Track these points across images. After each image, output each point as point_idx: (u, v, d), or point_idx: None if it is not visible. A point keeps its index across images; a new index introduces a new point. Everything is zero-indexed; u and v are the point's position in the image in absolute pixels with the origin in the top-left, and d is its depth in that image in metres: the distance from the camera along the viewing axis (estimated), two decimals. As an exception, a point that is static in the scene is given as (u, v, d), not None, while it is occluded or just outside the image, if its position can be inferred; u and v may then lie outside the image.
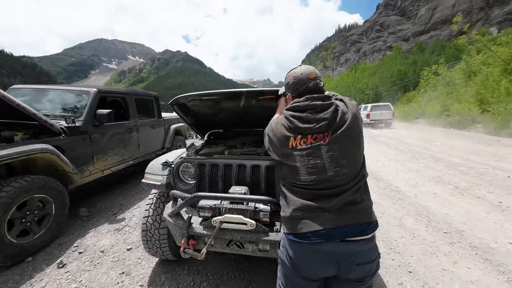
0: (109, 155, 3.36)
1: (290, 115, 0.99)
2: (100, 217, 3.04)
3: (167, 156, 2.12)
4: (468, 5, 60.11)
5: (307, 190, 0.97)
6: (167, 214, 1.59)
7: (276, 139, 1.02)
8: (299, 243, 0.93)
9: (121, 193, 3.88)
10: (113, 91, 3.65)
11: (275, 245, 1.38)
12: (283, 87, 1.22)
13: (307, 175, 0.95)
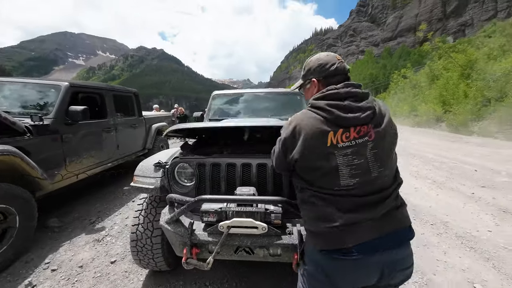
0: (84, 157, 3.01)
1: (327, 104, 0.82)
2: (75, 227, 2.70)
3: (159, 157, 1.92)
4: (429, 16, 66.20)
5: (345, 198, 0.81)
6: (164, 221, 1.41)
7: (309, 137, 0.82)
8: (339, 259, 0.80)
9: (98, 199, 3.51)
10: (87, 86, 3.27)
11: (288, 248, 1.29)
12: (298, 81, 1.08)
13: (349, 178, 0.80)
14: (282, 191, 1.49)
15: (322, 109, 0.84)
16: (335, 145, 0.80)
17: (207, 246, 1.36)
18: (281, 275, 1.90)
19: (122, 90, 4.05)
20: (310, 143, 0.82)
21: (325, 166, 0.81)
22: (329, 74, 0.91)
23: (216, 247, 1.26)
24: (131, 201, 3.46)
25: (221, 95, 3.18)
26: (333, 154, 0.80)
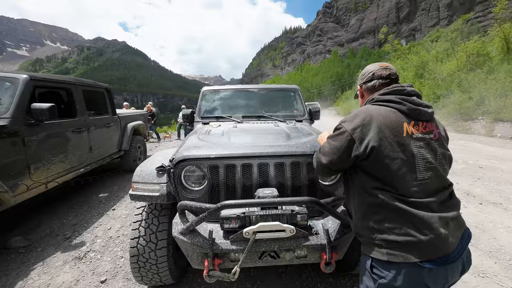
0: (53, 163, 2.57)
1: (397, 97, 0.85)
2: (46, 245, 2.30)
3: (158, 159, 1.72)
4: (385, 20, 72.48)
5: (422, 200, 0.76)
6: (178, 232, 1.26)
7: (383, 126, 0.80)
8: (440, 268, 0.74)
9: (70, 210, 3.06)
10: (52, 80, 2.77)
11: (315, 249, 1.26)
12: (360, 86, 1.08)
13: (424, 171, 0.78)
14: (301, 190, 1.44)
15: (393, 101, 0.85)
16: (410, 135, 0.80)
17: (229, 255, 1.26)
18: (291, 275, 1.87)
19: (93, 85, 3.56)
20: (385, 133, 0.79)
21: (402, 157, 0.78)
22: (370, 78, 0.99)
23: (242, 255, 1.17)
24: (111, 210, 3.09)
25: (212, 91, 3.00)
26: (408, 145, 0.79)
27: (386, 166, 0.79)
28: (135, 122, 4.73)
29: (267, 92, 2.98)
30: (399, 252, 0.75)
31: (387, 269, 0.77)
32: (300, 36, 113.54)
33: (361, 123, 0.83)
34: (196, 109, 2.83)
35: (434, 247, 0.74)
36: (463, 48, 15.16)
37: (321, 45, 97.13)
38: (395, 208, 0.77)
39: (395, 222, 0.77)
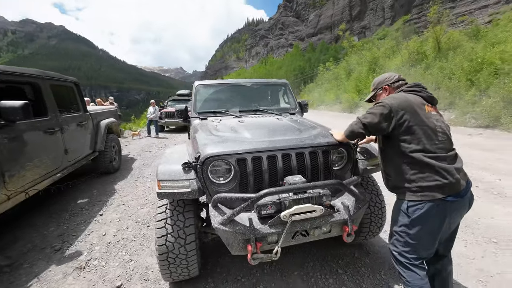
0: (28, 169, 2.26)
1: (420, 88, 1.31)
2: (34, 260, 2.06)
3: (172, 157, 1.71)
4: (340, 17, 77.66)
5: (443, 153, 1.18)
6: (219, 223, 1.33)
7: (414, 105, 1.22)
8: (455, 201, 1.15)
9: (48, 220, 2.73)
10: (17, 73, 2.36)
11: (337, 224, 1.47)
12: (372, 92, 1.55)
13: (440, 135, 1.20)
14: (319, 175, 1.64)
15: (417, 91, 1.30)
16: (429, 112, 1.24)
17: (267, 239, 1.38)
18: (304, 256, 2.09)
19: (61, 79, 3.12)
20: (415, 108, 1.21)
21: (428, 124, 1.20)
22: (396, 80, 1.44)
23: (282, 236, 1.31)
24: (98, 215, 2.87)
25: (205, 85, 2.95)
26: (430, 117, 1.22)
27: (417, 131, 1.18)
28: (108, 120, 4.32)
29: (259, 86, 3.09)
30: (429, 193, 1.15)
31: (420, 206, 1.17)
32: (263, 29, 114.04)
33: (398, 101, 1.24)
34: (191, 104, 2.78)
35: (452, 187, 1.14)
36: (405, 46, 17.43)
37: (283, 39, 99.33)
38: (426, 163, 1.16)
39: (426, 173, 1.16)
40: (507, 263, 1.89)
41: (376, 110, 1.28)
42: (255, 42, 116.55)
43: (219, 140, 1.70)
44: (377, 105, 1.31)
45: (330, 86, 25.46)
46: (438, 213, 1.16)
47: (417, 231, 1.20)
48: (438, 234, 1.21)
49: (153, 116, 8.55)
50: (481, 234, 2.27)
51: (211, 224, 1.65)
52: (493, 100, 8.15)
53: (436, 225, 1.18)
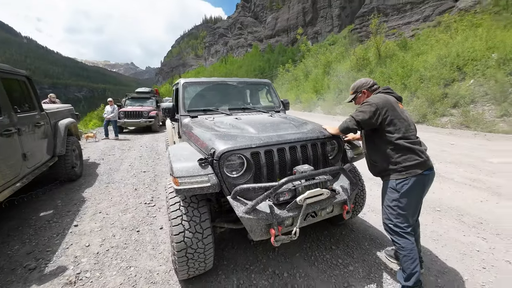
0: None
1: (390, 90, 1.70)
2: (7, 285, 1.75)
3: (183, 154, 1.71)
4: (295, 22, 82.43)
5: (416, 139, 1.54)
6: (243, 212, 1.42)
7: (393, 103, 1.57)
8: (429, 174, 1.52)
9: (7, 239, 2.30)
10: None
11: (338, 204, 1.72)
12: (352, 95, 1.86)
13: (412, 125, 1.57)
14: (319, 163, 1.87)
15: (390, 92, 1.68)
16: (401, 108, 1.61)
17: (284, 222, 1.54)
18: (301, 240, 2.32)
19: (12, 72, 2.62)
20: (394, 105, 1.57)
21: (404, 117, 1.56)
22: (372, 84, 1.77)
23: (299, 218, 1.49)
24: (73, 227, 2.55)
25: (192, 83, 2.90)
26: (403, 112, 1.59)
27: (397, 123, 1.53)
28: (67, 120, 3.79)
29: (245, 85, 3.20)
30: (412, 170, 1.49)
31: (406, 181, 1.50)
32: (222, 27, 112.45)
33: (381, 100, 1.57)
34: (179, 102, 2.71)
35: (426, 163, 1.51)
36: (353, 53, 19.74)
37: (243, 39, 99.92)
38: (407, 147, 1.50)
39: (408, 155, 1.51)
40: (449, 225, 2.48)
41: (366, 108, 1.58)
42: (214, 40, 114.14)
43: (227, 136, 1.78)
44: (365, 104, 1.61)
45: (290, 86, 26.90)
46: (420, 185, 1.52)
47: (406, 202, 1.53)
48: (420, 202, 1.59)
49: (111, 116, 7.70)
50: (429, 205, 2.89)
51: (220, 217, 1.74)
52: (421, 100, 10.00)
53: (419, 194, 1.55)
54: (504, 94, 8.15)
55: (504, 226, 2.41)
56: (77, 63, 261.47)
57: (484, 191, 3.21)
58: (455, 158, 4.63)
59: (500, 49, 9.52)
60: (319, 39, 74.70)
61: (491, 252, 2.05)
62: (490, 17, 16.83)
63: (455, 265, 1.91)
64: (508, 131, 6.90)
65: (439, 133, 7.32)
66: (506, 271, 1.83)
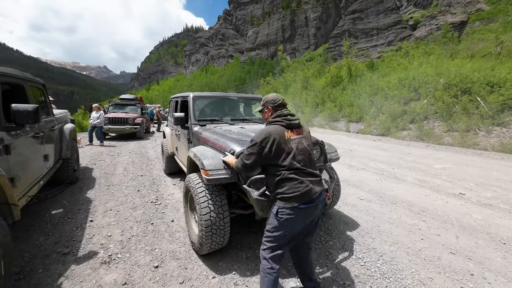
0: (28, 173, 2.16)
1: (281, 118, 1.59)
2: (46, 266, 2.02)
3: (205, 154, 2.20)
4: (275, 37, 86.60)
5: (302, 170, 1.48)
6: (257, 195, 1.94)
7: (278, 135, 1.50)
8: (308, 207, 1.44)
9: (28, 233, 2.50)
10: (13, 75, 2.18)
11: (322, 191, 2.33)
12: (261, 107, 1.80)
13: (299, 156, 1.50)
14: (307, 163, 2.48)
15: (279, 121, 1.59)
16: (288, 138, 1.53)
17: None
18: (291, 221, 2.88)
19: (34, 80, 2.87)
20: (277, 139, 1.49)
21: (287, 149, 1.50)
22: (279, 104, 1.71)
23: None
24: (89, 221, 2.81)
25: (200, 97, 3.39)
26: (288, 143, 1.51)
27: (279, 155, 1.49)
28: (70, 125, 3.99)
29: (244, 100, 3.79)
30: (288, 201, 1.44)
31: (283, 211, 1.45)
32: (203, 37, 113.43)
33: (265, 137, 1.51)
34: (190, 113, 3.19)
35: (303, 196, 1.43)
36: (328, 70, 21.67)
37: (224, 50, 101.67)
38: (287, 178, 1.46)
39: (287, 186, 1.46)
40: (401, 213, 3.25)
41: (252, 150, 1.56)
42: (195, 49, 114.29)
43: (240, 140, 2.32)
44: (251, 145, 1.57)
45: (270, 98, 28.18)
46: (295, 218, 1.44)
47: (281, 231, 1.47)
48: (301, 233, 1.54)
49: (97, 122, 7.69)
50: (387, 199, 3.67)
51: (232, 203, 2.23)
52: (385, 116, 11.50)
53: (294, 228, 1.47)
54: (449, 113, 9.83)
55: (438, 212, 3.24)
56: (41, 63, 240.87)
57: (428, 189, 4.11)
58: (409, 164, 5.66)
59: (446, 76, 11.48)
60: (296, 55, 78.89)
61: (428, 229, 2.81)
62: (440, 47, 19.97)
63: (403, 238, 2.62)
64: (452, 143, 8.38)
65: (399, 144, 8.58)
66: (436, 241, 2.58)
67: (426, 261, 2.23)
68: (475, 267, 2.15)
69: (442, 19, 35.58)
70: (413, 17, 43.94)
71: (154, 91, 78.54)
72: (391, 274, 2.04)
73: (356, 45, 33.03)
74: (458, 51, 17.73)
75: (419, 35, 38.03)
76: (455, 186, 4.23)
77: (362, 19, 54.57)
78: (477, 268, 2.13)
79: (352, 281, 1.96)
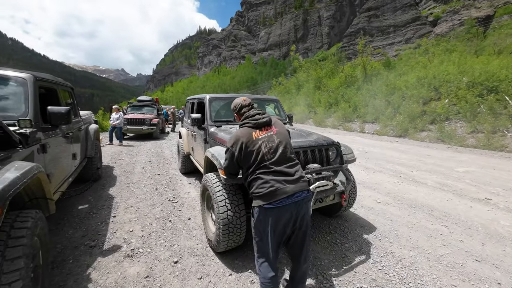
0: (60, 170, 2.34)
1: (248, 120, 1.59)
2: (76, 257, 2.17)
3: (221, 154, 2.26)
4: (287, 37, 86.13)
5: (273, 168, 1.43)
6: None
7: (245, 138, 1.51)
8: (277, 207, 1.38)
9: (59, 226, 2.70)
10: (48, 80, 2.40)
11: (339, 194, 2.32)
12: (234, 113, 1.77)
13: (269, 154, 1.46)
14: (324, 163, 2.48)
15: (246, 123, 1.60)
16: (256, 138, 1.52)
17: (300, 204, 2.10)
18: (306, 223, 2.88)
19: (64, 84, 3.10)
20: (245, 141, 1.51)
21: (255, 149, 1.48)
22: (240, 108, 1.71)
23: (312, 200, 2.06)
24: (112, 217, 2.98)
25: (216, 98, 3.49)
26: (256, 143, 1.50)
27: (249, 157, 1.49)
28: (95, 125, 4.23)
29: (258, 101, 3.83)
30: (256, 201, 1.43)
31: (254, 210, 1.46)
32: (216, 39, 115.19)
33: (234, 141, 1.55)
34: (206, 114, 3.28)
35: (267, 196, 1.38)
36: (342, 70, 21.22)
37: (236, 51, 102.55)
38: (254, 178, 1.46)
39: (254, 186, 1.45)
40: (421, 217, 3.13)
41: (226, 156, 1.64)
42: (208, 51, 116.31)
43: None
44: (225, 151, 1.65)
45: (283, 99, 28.03)
46: (264, 218, 1.41)
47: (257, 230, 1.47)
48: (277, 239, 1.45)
49: (117, 123, 8.06)
50: (406, 202, 3.56)
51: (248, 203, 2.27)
52: (403, 116, 11.08)
53: (267, 228, 1.42)
54: (474, 114, 9.31)
55: (462, 218, 3.09)
56: (65, 67, 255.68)
57: (450, 193, 3.93)
58: (429, 167, 5.43)
59: (469, 74, 10.88)
60: (309, 55, 77.96)
61: (450, 235, 2.70)
62: (463, 43, 18.93)
63: (424, 243, 2.53)
64: (476, 145, 7.93)
65: (418, 146, 8.25)
66: (459, 247, 2.47)
67: (448, 267, 2.15)
68: (502, 276, 2.04)
69: (465, 14, 33.67)
70: (433, 12, 41.94)
71: (169, 93, 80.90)
72: (411, 280, 1.99)
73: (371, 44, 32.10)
74: (483, 48, 16.73)
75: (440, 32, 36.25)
76: (480, 190, 4.01)
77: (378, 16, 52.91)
78: (505, 277, 2.02)
79: (369, 285, 1.93)
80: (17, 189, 1.22)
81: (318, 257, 2.27)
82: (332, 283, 1.94)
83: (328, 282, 1.95)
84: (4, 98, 1.94)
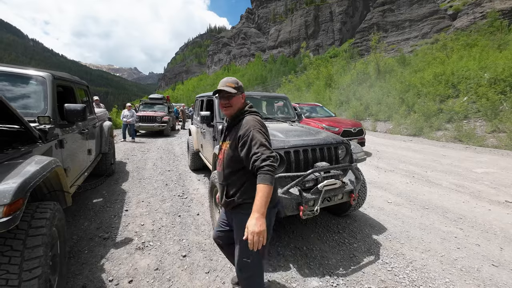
0: (76, 165, 2.46)
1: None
2: (91, 248, 2.28)
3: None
4: (297, 34, 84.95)
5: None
6: (281, 193, 1.98)
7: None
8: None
9: (75, 218, 2.84)
10: (66, 78, 2.52)
11: (347, 192, 2.28)
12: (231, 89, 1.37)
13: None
14: (333, 162, 2.44)
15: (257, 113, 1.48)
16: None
17: (309, 202, 2.10)
18: (315, 225, 2.86)
19: (80, 83, 3.24)
20: None
21: None
22: None
23: (319, 199, 2.05)
24: (124, 211, 3.09)
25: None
26: None
27: None
28: (109, 122, 4.39)
29: (267, 98, 3.82)
30: None
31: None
32: (226, 37, 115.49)
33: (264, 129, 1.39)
34: (215, 111, 3.31)
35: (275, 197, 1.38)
36: (354, 67, 20.69)
37: (246, 49, 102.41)
38: None
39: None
40: (434, 219, 3.02)
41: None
42: (218, 49, 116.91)
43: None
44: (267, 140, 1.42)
45: (292, 96, 27.76)
46: None
47: None
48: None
49: (130, 120, 8.31)
50: (419, 204, 3.44)
51: None
52: (418, 115, 10.68)
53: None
54: (495, 112, 8.82)
55: (478, 221, 2.96)
56: (81, 67, 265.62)
57: (467, 195, 3.76)
58: (445, 167, 5.21)
59: (492, 69, 10.29)
60: (320, 52, 76.54)
61: (465, 238, 2.59)
62: (485, 37, 17.90)
63: (437, 246, 2.45)
64: (497, 146, 7.52)
65: (433, 145, 7.93)
66: (475, 251, 2.37)
67: (462, 272, 2.07)
68: (522, 282, 1.94)
69: (488, 6, 31.76)
70: (453, 5, 39.84)
71: (179, 91, 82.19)
72: (422, 282, 1.93)
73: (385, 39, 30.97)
74: (507, 42, 15.73)
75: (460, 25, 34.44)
76: (500, 193, 3.81)
77: (393, 10, 51.00)
78: (525, 284, 1.92)
79: (378, 286, 1.89)
80: (37, 182, 1.29)
81: (325, 256, 2.26)
82: (339, 282, 1.92)
83: (335, 281, 1.93)
84: (25, 96, 2.06)
